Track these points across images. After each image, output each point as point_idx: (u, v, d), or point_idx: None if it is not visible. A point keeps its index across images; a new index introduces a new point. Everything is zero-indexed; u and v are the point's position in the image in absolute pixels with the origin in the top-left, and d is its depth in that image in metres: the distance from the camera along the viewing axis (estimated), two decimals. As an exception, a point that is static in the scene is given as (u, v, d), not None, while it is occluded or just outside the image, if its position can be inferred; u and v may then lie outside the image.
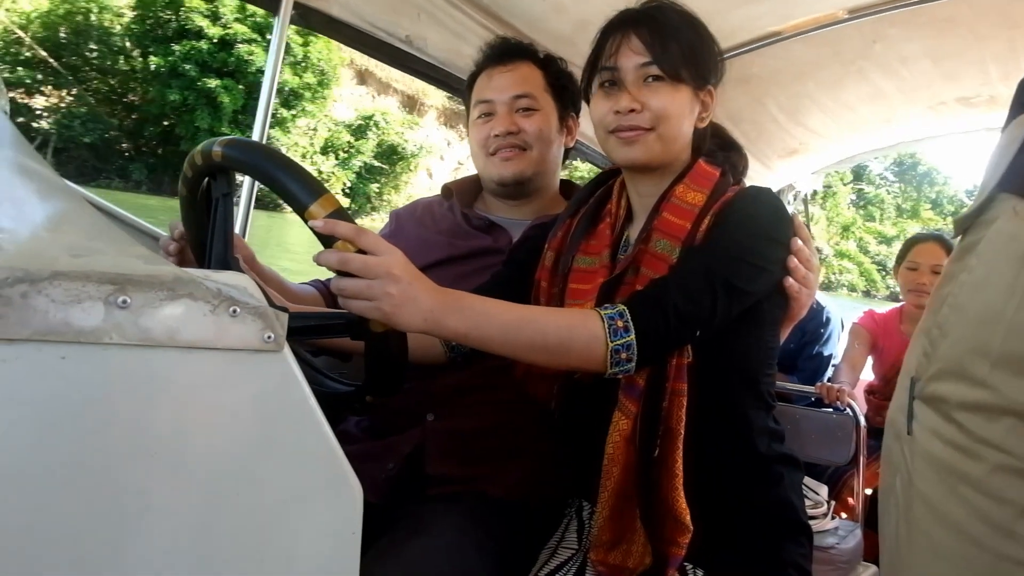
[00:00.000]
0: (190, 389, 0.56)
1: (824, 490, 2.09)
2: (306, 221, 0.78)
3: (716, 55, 1.06)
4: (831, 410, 2.28)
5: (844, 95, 2.55)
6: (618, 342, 0.88)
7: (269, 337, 0.59)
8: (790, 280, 1.01)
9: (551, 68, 1.37)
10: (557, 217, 1.18)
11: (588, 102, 1.08)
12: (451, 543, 1.00)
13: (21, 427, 0.49)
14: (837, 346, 2.74)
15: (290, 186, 0.79)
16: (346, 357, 1.25)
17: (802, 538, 1.02)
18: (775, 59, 2.32)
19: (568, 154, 1.44)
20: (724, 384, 0.99)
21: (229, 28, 21.24)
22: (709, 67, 1.04)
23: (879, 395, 2.61)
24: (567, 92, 1.38)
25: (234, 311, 0.58)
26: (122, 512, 0.53)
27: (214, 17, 20.93)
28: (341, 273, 0.79)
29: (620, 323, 0.88)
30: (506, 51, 1.36)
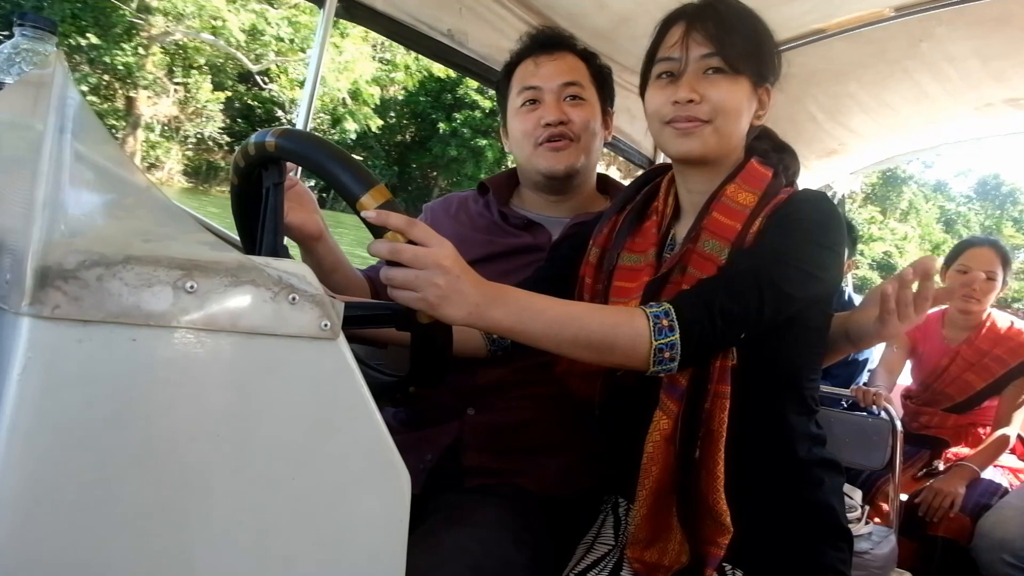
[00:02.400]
0: (250, 374, 0.57)
1: (858, 494, 2.07)
2: (358, 212, 0.79)
3: (775, 52, 1.05)
4: (866, 414, 2.25)
5: (887, 95, 2.51)
6: (662, 341, 0.87)
7: (326, 325, 0.60)
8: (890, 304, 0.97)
9: (592, 61, 1.36)
10: (598, 214, 1.18)
11: (643, 95, 1.08)
12: (489, 534, 1.01)
13: (93, 405, 0.51)
14: (874, 351, 2.70)
15: (342, 177, 0.80)
16: (382, 345, 1.26)
17: (841, 543, 1.01)
18: (816, 57, 2.28)
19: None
20: (767, 388, 0.98)
21: (495, 101, 28.28)
22: (768, 64, 1.03)
23: (916, 400, 2.56)
24: (607, 86, 1.36)
25: (293, 298, 0.59)
26: (185, 491, 0.55)
27: (482, 92, 26.73)
28: (390, 264, 0.79)
29: (665, 322, 0.88)
30: (552, 40, 1.34)
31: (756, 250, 0.94)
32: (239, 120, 22.13)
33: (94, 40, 17.87)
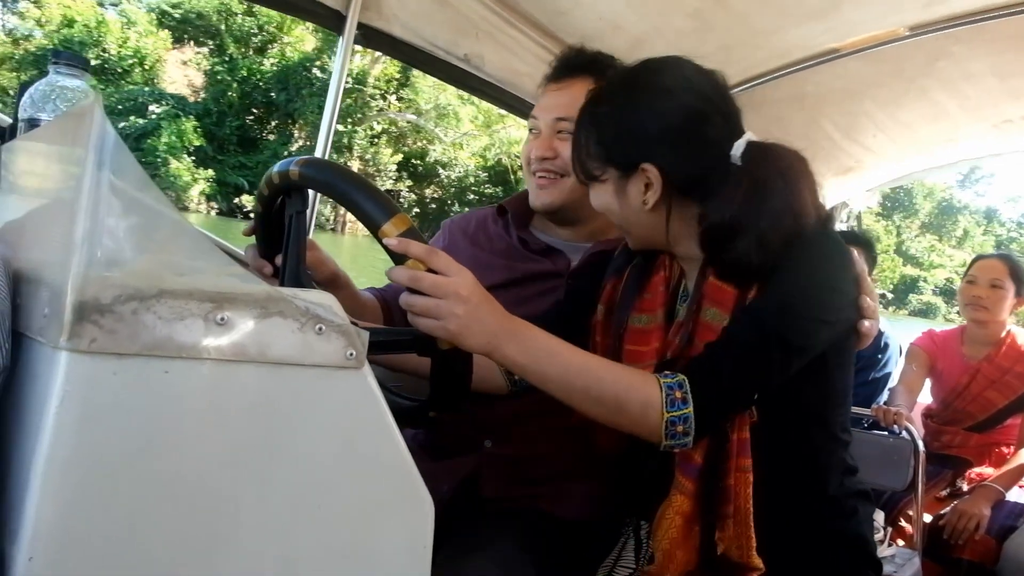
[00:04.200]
0: (278, 403, 0.58)
1: (880, 516, 2.04)
2: (380, 239, 0.80)
3: (645, 129, 0.96)
4: (887, 434, 2.22)
5: (903, 114, 2.51)
6: (674, 413, 0.85)
7: (351, 354, 0.61)
8: (865, 324, 0.96)
9: None
10: (616, 243, 1.17)
11: None
12: (510, 559, 1.01)
13: (127, 436, 0.52)
14: (895, 369, 2.67)
15: (365, 205, 0.81)
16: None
17: (870, 572, 1.00)
18: (831, 76, 2.29)
19: None
20: (794, 431, 0.95)
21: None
22: (629, 150, 0.97)
23: (937, 419, 2.52)
24: None
25: (320, 328, 0.60)
26: (214, 519, 0.56)
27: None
28: (410, 290, 0.80)
29: (678, 394, 0.85)
30: (564, 67, 1.30)
31: (761, 305, 0.90)
32: (404, 175, 27.74)
33: (339, 128, 23.41)
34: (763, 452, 0.91)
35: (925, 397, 2.64)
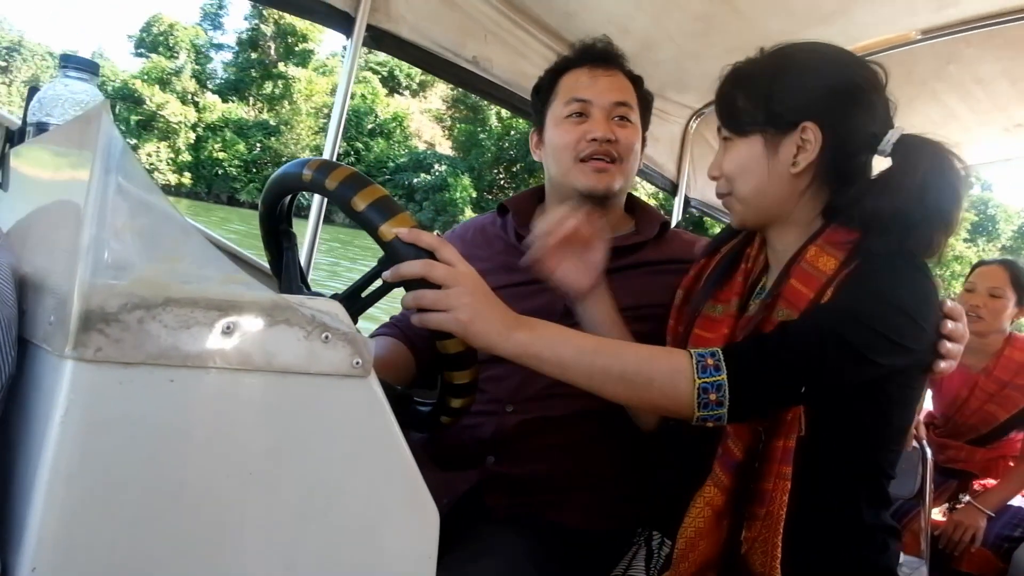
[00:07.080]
0: (284, 412, 0.58)
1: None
2: (378, 238, 0.79)
3: (811, 86, 0.95)
4: None
5: (914, 118, 2.48)
6: (706, 380, 0.80)
7: (357, 363, 0.61)
8: (942, 365, 0.91)
9: (640, 85, 1.31)
10: (620, 240, 1.15)
11: None
12: (515, 565, 1.00)
13: (132, 445, 0.51)
14: None
15: (368, 212, 0.81)
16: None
17: None
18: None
19: None
20: (840, 460, 0.93)
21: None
22: (788, 104, 0.94)
23: (940, 431, 2.44)
24: (648, 112, 1.33)
25: (326, 337, 0.59)
26: (220, 528, 0.55)
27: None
28: (408, 288, 0.79)
29: (710, 361, 0.81)
30: (608, 55, 1.28)
31: (823, 306, 0.86)
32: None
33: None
34: (807, 470, 0.88)
35: (927, 404, 2.60)
